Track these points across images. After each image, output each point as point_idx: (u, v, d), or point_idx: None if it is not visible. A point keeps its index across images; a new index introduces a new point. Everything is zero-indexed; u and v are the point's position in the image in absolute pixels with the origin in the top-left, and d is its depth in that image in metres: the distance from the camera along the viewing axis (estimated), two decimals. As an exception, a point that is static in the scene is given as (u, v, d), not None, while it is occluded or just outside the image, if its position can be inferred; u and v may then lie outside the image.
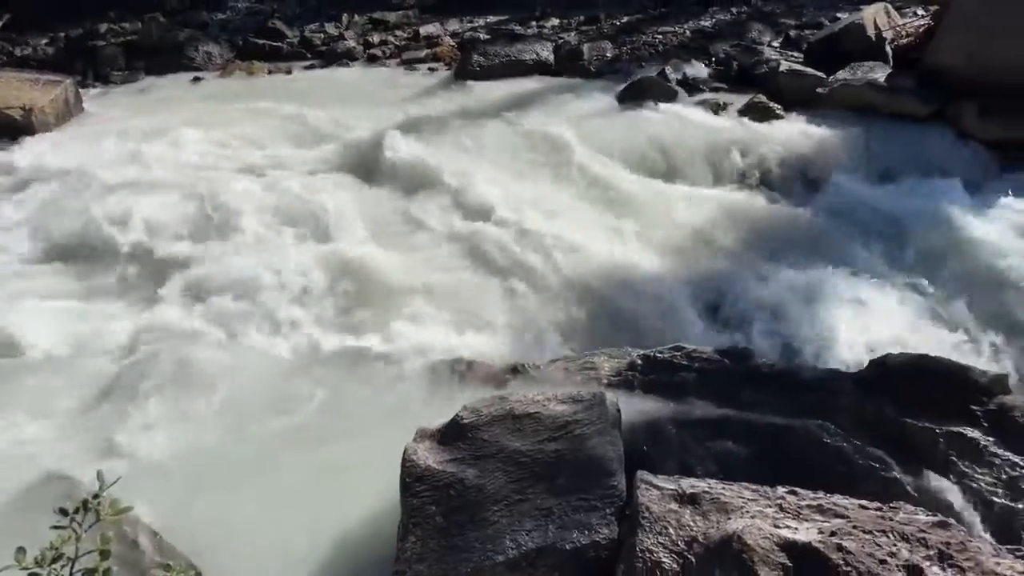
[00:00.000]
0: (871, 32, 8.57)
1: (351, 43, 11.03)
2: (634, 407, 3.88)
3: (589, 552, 2.92)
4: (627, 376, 4.20)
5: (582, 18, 11.34)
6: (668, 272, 5.78)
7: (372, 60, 10.60)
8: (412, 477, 3.17)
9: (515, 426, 3.33)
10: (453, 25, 11.67)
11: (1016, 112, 7.45)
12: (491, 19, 11.79)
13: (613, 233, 6.24)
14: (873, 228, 6.29)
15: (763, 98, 8.08)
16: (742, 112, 7.99)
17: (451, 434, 3.34)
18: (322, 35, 11.38)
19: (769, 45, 9.72)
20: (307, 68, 10.39)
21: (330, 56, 10.70)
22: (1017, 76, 7.46)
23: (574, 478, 3.15)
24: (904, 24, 9.02)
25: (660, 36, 10.28)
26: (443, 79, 9.43)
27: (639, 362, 4.25)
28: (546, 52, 9.52)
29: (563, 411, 3.37)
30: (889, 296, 5.56)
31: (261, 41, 11.03)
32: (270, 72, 10.03)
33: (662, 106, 8.05)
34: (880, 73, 8.06)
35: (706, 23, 10.72)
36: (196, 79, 9.92)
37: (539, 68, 9.30)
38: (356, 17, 12.07)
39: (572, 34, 10.75)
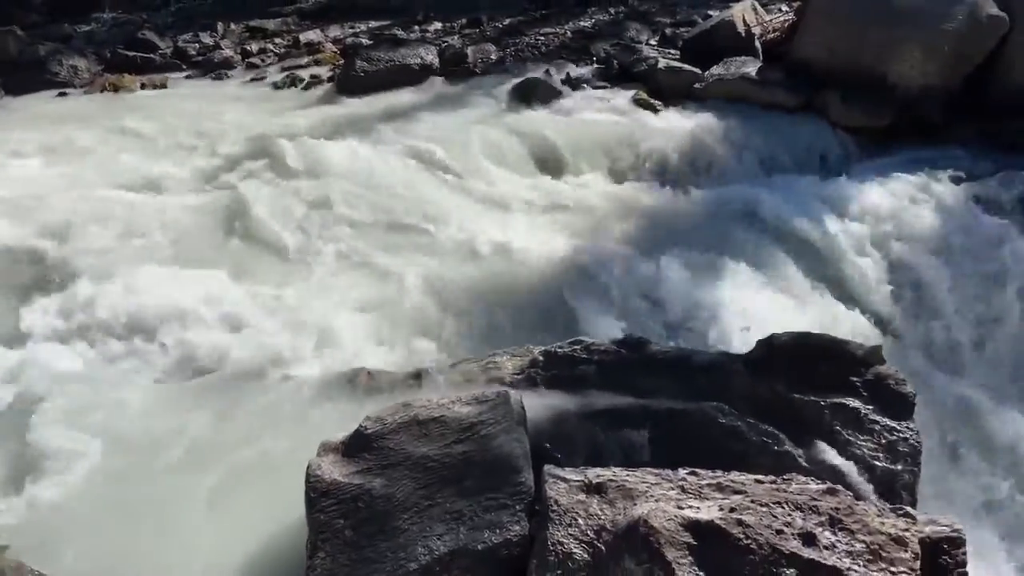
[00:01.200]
0: (741, 28, 8.97)
1: (228, 52, 10.69)
2: (538, 403, 3.93)
3: (501, 550, 2.94)
4: (530, 373, 4.24)
5: (464, 21, 11.39)
6: (564, 267, 5.87)
7: (251, 69, 10.31)
8: (317, 492, 3.10)
9: (421, 432, 3.31)
10: (334, 31, 11.49)
11: (874, 100, 7.97)
12: (373, 24, 11.68)
13: (510, 232, 6.28)
14: (753, 215, 6.58)
15: (644, 95, 8.34)
16: (626, 109, 8.20)
17: (355, 445, 3.29)
18: (197, 45, 10.98)
19: (647, 43, 10.03)
20: (182, 79, 10.00)
21: (207, 66, 10.34)
22: (871, 67, 7.99)
23: (483, 478, 3.16)
24: (770, 20, 9.50)
25: (543, 37, 10.44)
26: (326, 86, 9.27)
27: (541, 359, 4.30)
28: (431, 56, 9.50)
29: (468, 412, 3.38)
30: (771, 279, 5.85)
31: (132, 53, 10.53)
32: (143, 86, 9.59)
33: (549, 105, 8.19)
34: (752, 67, 8.46)
35: (586, 24, 10.96)
36: (61, 94, 9.38)
37: (424, 72, 9.27)
38: (232, 26, 11.71)
39: (455, 37, 10.77)
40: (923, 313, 6.19)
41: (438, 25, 11.41)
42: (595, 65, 9.42)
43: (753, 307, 5.51)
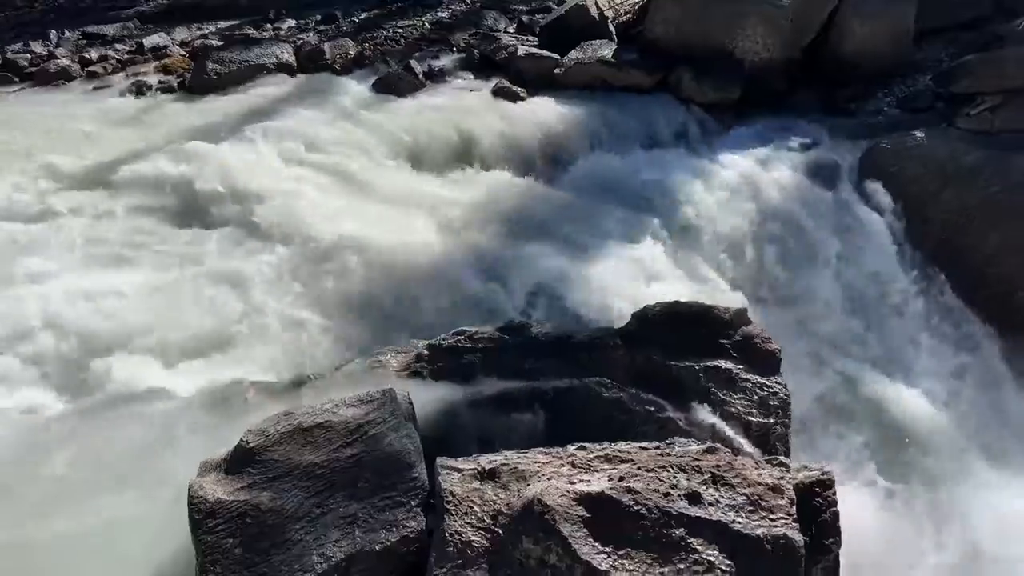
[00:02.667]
0: (594, 12, 9.19)
1: (65, 61, 9.97)
2: (427, 397, 3.92)
3: (400, 548, 2.93)
4: (416, 368, 4.23)
5: (319, 18, 11.10)
6: (442, 259, 5.87)
7: (93, 78, 9.67)
8: (202, 513, 2.98)
9: (306, 439, 3.24)
10: (181, 34, 10.93)
11: (724, 75, 8.36)
12: (222, 25, 11.18)
13: (384, 229, 6.20)
14: (620, 195, 6.78)
15: (507, 83, 8.40)
16: (490, 98, 8.25)
17: (238, 461, 3.18)
18: (29, 55, 10.19)
19: (505, 31, 10.10)
20: (13, 94, 9.26)
21: (42, 78, 9.60)
22: (718, 42, 8.39)
23: (375, 479, 3.13)
24: (622, 2, 9.77)
25: (401, 30, 10.34)
26: (177, 93, 8.83)
27: (426, 352, 4.30)
28: (286, 54, 9.23)
29: (354, 414, 3.33)
30: (640, 254, 6.06)
31: (-49, 68, 9.66)
32: (-30, 101, 8.83)
33: (412, 99, 8.12)
34: (607, 50, 8.68)
35: (443, 15, 10.92)
36: None
37: (281, 71, 8.99)
38: (67, 33, 10.95)
39: (311, 34, 10.50)
40: (780, 274, 6.59)
41: (291, 23, 11.06)
42: (456, 55, 9.41)
43: (625, 282, 5.70)
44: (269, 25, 11.01)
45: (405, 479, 3.12)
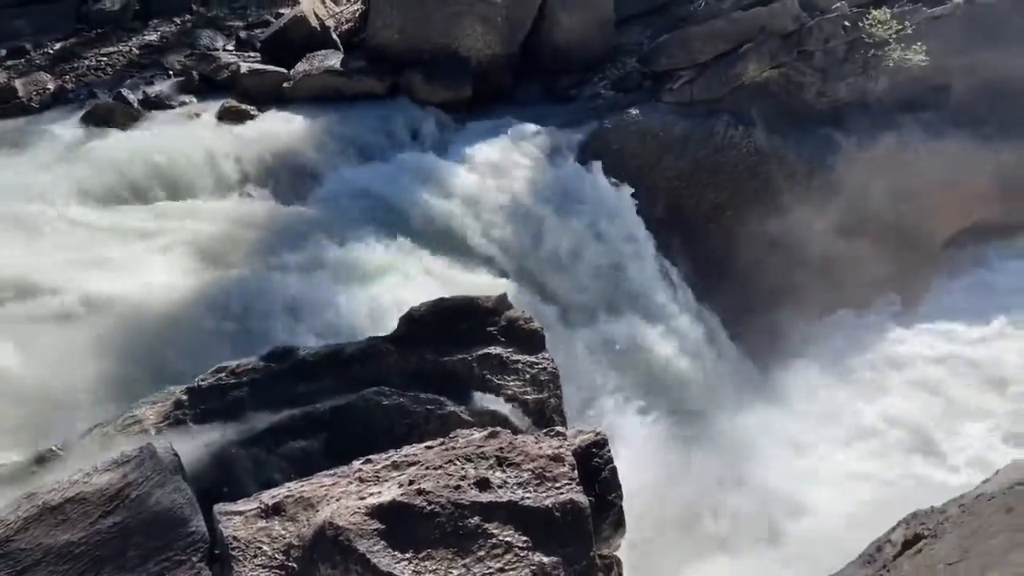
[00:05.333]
0: (315, 22, 9.03)
1: None
2: (193, 445, 3.66)
3: (187, 610, 2.70)
4: (176, 416, 3.93)
5: (3, 52, 9.87)
6: (188, 298, 5.50)
7: None
8: (-62, 634, 2.56)
9: (57, 519, 2.89)
10: None
11: (453, 74, 8.59)
12: None
13: (118, 275, 5.69)
14: (370, 204, 6.75)
15: (234, 102, 8.02)
16: (218, 120, 7.83)
17: (-24, 562, 2.77)
18: None
19: (224, 49, 9.63)
20: None
21: None
22: (442, 43, 8.59)
23: (147, 542, 2.87)
24: (341, 11, 9.69)
25: (106, 58, 9.48)
26: None
27: (185, 398, 4.01)
28: (-32, 98, 8.12)
29: (110, 479, 3.02)
30: (397, 258, 6.09)
31: None
32: None
33: (130, 130, 7.49)
34: (334, 59, 8.58)
35: (151, 37, 10.16)
36: None
37: (-35, 116, 7.90)
38: None
39: (-3, 72, 9.32)
40: (530, 254, 6.93)
41: (-33, 61, 9.75)
42: (174, 80, 8.80)
43: (386, 290, 5.69)
44: (-59, 65, 9.62)
45: (181, 535, 2.89)
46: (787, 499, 6.31)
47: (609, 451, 3.65)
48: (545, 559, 2.98)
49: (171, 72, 9.02)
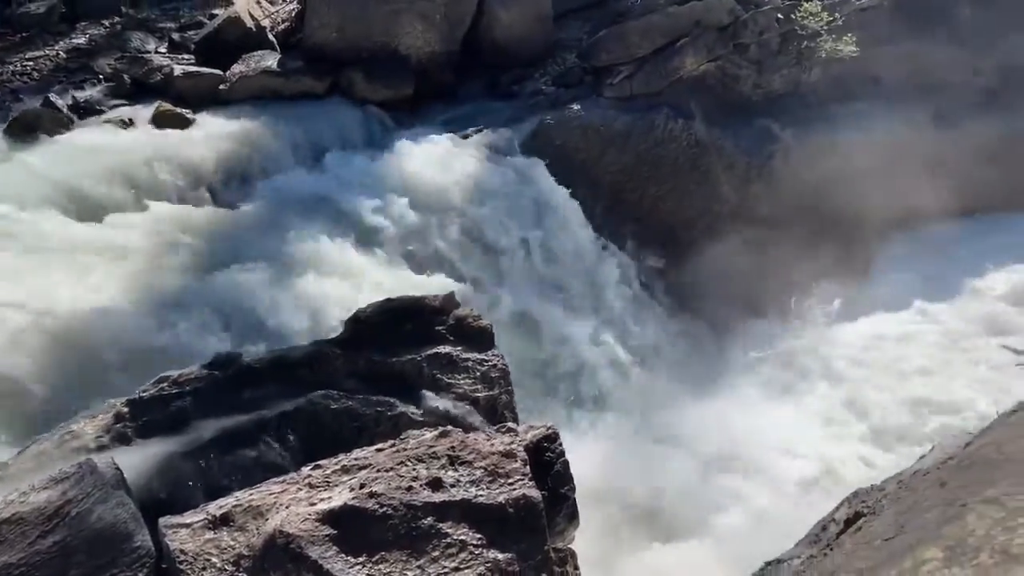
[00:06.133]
0: (249, 23, 8.86)
1: None
2: (137, 458, 3.56)
3: (134, 628, 2.63)
4: (118, 430, 3.81)
5: (-78, 58, 9.47)
6: (129, 306, 5.35)
7: None
8: None
9: (-7, 541, 2.78)
10: None
11: (394, 72, 8.53)
12: None
13: (56, 287, 5.50)
14: (312, 206, 6.65)
15: (169, 106, 7.82)
16: (152, 124, 7.63)
17: (-94, 591, 2.66)
18: None
19: (157, 52, 9.38)
20: None
21: None
22: (382, 42, 8.53)
23: (89, 560, 2.79)
24: (277, 10, 9.53)
25: (31, 62, 9.15)
26: None
27: (126, 410, 3.89)
28: None
29: (49, 497, 2.92)
30: (344, 259, 6.01)
31: None
32: None
33: (60, 138, 7.24)
34: (271, 60, 8.44)
35: (80, 40, 9.84)
36: None
37: None
38: None
39: (-89, 80, 8.91)
40: (476, 252, 6.93)
41: None
42: (104, 84, 8.54)
43: (330, 291, 5.63)
44: None
45: (126, 551, 2.82)
46: (732, 486, 6.42)
47: (561, 445, 3.67)
48: (500, 555, 2.99)
49: (101, 76, 8.75)
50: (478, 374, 4.35)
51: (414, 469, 3.21)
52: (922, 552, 1.75)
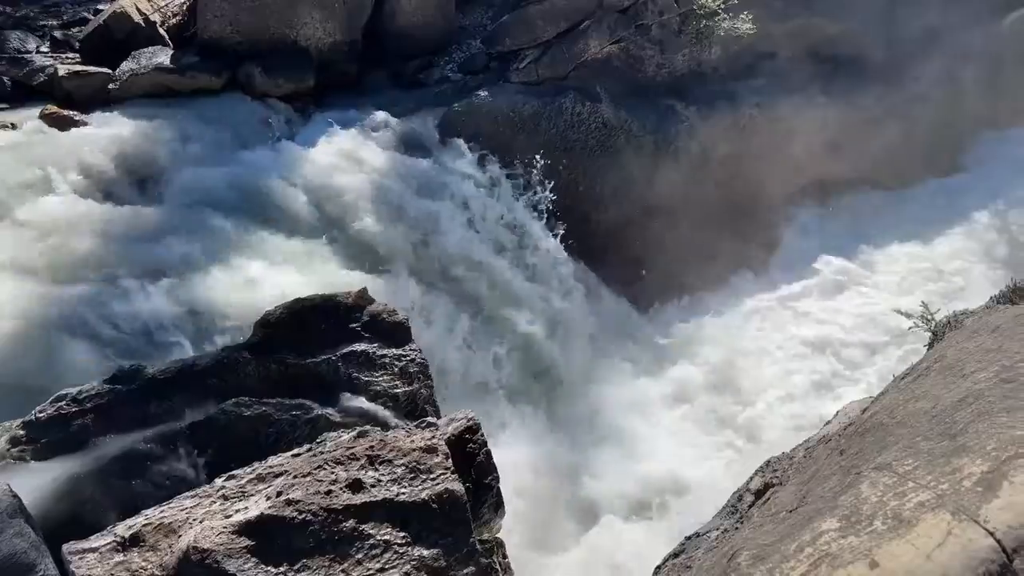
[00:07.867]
0: (137, 17, 8.46)
1: None
2: (36, 482, 3.40)
3: (40, 664, 2.50)
4: (15, 453, 3.63)
5: None
6: (24, 320, 5.05)
7: None
8: None
9: None
10: None
11: (294, 65, 8.29)
12: None
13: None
14: (217, 201, 6.42)
15: (55, 107, 7.41)
16: (39, 127, 7.21)
17: None
18: None
19: (39, 51, 8.86)
20: None
21: None
22: (280, 34, 8.27)
23: (-12, 598, 2.63)
24: (167, 4, 9.12)
25: None
26: None
27: (22, 432, 3.71)
28: None
29: (-62, 534, 2.74)
30: (254, 255, 5.84)
31: None
32: None
33: (-68, 145, 6.77)
34: (164, 56, 8.08)
35: (-49, 41, 9.22)
36: None
37: None
38: None
39: None
40: (394, 241, 6.83)
41: None
42: (-23, 87, 8.04)
43: (243, 289, 5.45)
44: None
45: (28, 584, 2.67)
46: (668, 467, 6.54)
47: (483, 435, 3.66)
48: (425, 552, 2.97)
49: (-28, 79, 8.23)
50: (396, 370, 4.30)
51: (332, 472, 3.14)
52: (819, 523, 1.81)
